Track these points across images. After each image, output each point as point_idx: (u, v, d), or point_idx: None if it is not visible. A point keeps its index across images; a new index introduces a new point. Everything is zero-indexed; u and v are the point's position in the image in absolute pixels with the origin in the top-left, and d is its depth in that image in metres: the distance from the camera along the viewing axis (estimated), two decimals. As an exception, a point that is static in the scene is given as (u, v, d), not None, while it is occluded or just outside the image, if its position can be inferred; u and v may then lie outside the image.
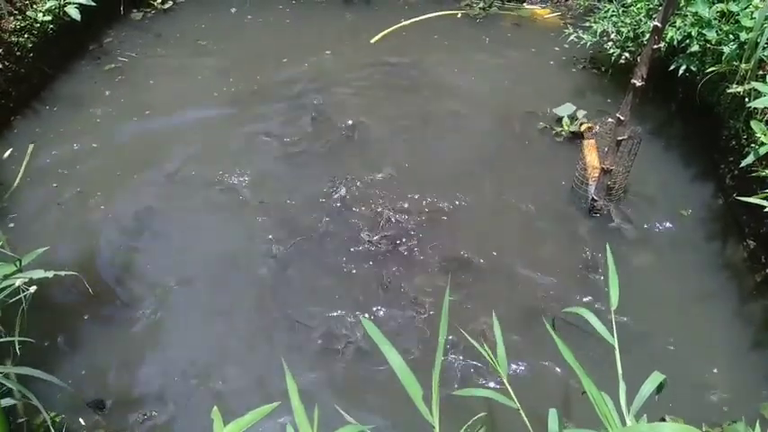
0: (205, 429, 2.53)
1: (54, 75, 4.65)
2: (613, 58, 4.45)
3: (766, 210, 2.82)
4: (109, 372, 2.84)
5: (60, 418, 2.50)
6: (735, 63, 3.48)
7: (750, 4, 3.47)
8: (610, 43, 4.52)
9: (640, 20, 4.28)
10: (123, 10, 5.44)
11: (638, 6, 4.30)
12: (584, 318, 2.08)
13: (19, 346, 2.23)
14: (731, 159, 3.54)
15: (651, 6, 4.24)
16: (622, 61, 4.43)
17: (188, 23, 5.44)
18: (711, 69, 3.60)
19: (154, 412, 2.67)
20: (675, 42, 3.83)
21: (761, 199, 2.86)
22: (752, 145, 3.18)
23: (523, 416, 1.89)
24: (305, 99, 4.54)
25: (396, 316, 3.06)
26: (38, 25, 4.47)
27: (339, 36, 5.27)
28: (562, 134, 4.14)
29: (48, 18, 4.51)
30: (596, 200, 3.49)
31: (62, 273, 2.36)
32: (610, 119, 3.61)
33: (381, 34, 5.27)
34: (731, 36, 3.53)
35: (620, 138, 3.22)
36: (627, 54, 4.41)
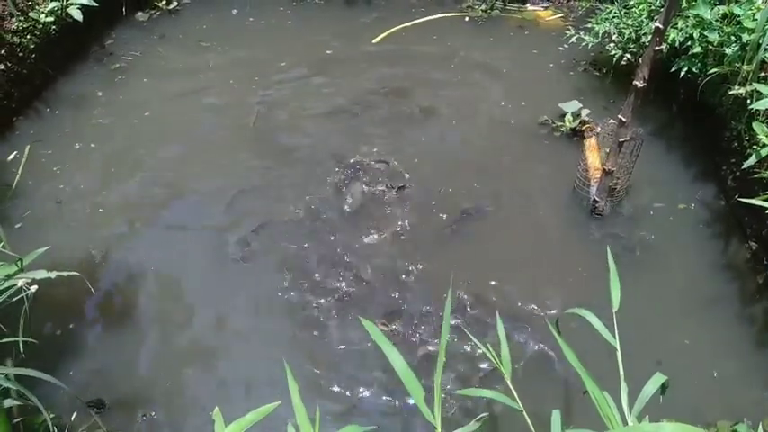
0: (205, 429, 2.55)
1: (56, 76, 4.66)
2: (615, 60, 4.45)
3: (768, 211, 2.82)
4: (109, 371, 2.84)
5: (60, 418, 2.49)
6: (736, 65, 3.48)
7: (752, 6, 3.47)
8: (611, 45, 4.52)
9: (642, 21, 4.28)
10: (126, 11, 5.45)
11: (639, 8, 4.31)
12: (585, 319, 2.08)
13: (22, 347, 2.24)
14: (733, 161, 3.54)
15: (653, 8, 4.24)
16: (624, 63, 4.43)
17: (191, 25, 5.46)
18: (713, 71, 3.60)
19: (152, 413, 2.67)
20: (677, 44, 3.83)
21: (763, 200, 2.85)
22: (754, 146, 3.17)
23: (526, 417, 1.89)
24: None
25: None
26: (40, 26, 4.48)
27: (340, 37, 5.28)
28: (561, 129, 4.15)
29: (50, 19, 4.52)
30: (598, 201, 3.49)
31: (64, 273, 2.36)
32: (611, 120, 3.61)
33: (383, 35, 5.28)
34: (733, 38, 3.53)
35: (621, 139, 3.22)
36: (628, 55, 4.41)
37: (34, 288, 2.26)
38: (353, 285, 3.21)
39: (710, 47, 3.68)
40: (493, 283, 3.20)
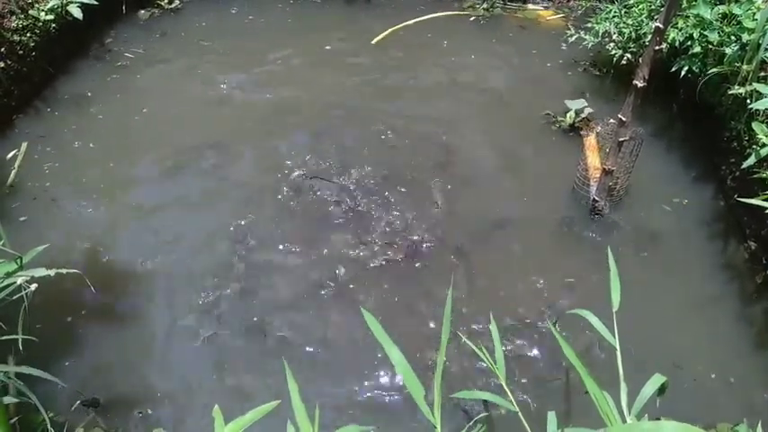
0: (205, 428, 2.54)
1: (56, 74, 4.65)
2: (615, 59, 4.45)
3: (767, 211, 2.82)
4: (108, 369, 2.83)
5: (58, 417, 2.49)
6: (736, 64, 3.48)
7: (752, 6, 3.47)
8: (611, 44, 4.52)
9: (642, 21, 4.28)
10: (126, 9, 5.44)
11: (639, 7, 4.31)
12: (586, 319, 2.08)
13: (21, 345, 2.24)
14: (732, 161, 3.54)
15: (653, 7, 4.24)
16: (624, 62, 4.43)
17: (191, 23, 5.46)
18: (713, 71, 3.60)
19: (149, 410, 2.67)
20: (677, 43, 3.83)
21: (762, 200, 2.85)
22: (753, 146, 3.18)
23: (522, 418, 1.89)
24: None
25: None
26: (40, 24, 4.47)
27: (340, 35, 5.28)
28: (561, 124, 4.17)
29: (50, 17, 4.51)
30: (597, 200, 3.49)
31: (63, 271, 2.35)
32: (611, 120, 3.61)
33: (383, 34, 5.28)
34: (733, 37, 3.54)
35: (621, 139, 3.22)
36: (628, 55, 4.41)
37: (34, 286, 2.26)
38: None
39: (710, 47, 3.68)
40: (491, 284, 3.21)
